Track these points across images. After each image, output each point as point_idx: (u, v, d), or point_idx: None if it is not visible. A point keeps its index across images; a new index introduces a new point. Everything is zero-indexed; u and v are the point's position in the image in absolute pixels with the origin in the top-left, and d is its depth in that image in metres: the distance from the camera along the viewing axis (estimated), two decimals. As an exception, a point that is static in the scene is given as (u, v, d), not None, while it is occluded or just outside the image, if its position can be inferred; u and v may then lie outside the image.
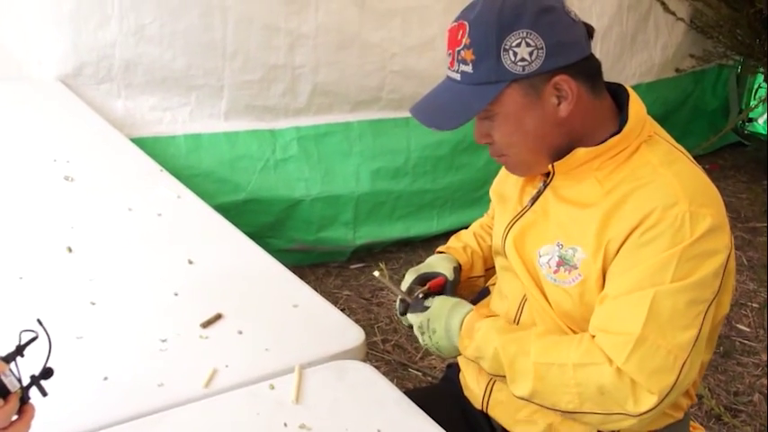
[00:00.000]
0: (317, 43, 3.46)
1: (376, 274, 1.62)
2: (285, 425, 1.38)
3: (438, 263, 1.68)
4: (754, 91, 5.50)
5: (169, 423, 1.39)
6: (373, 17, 3.57)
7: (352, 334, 1.66)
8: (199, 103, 3.35)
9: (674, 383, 1.29)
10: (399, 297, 1.63)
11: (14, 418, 1.01)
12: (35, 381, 1.00)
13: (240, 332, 1.63)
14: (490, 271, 1.75)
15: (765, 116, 5.54)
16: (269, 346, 1.60)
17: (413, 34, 3.69)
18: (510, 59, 1.32)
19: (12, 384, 0.95)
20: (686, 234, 1.29)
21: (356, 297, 3.50)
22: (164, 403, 1.43)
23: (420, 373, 2.98)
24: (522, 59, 1.32)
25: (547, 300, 1.46)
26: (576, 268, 1.39)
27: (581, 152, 1.39)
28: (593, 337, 1.34)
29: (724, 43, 4.95)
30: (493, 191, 1.69)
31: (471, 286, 1.76)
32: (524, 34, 1.31)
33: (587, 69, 1.39)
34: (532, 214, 1.50)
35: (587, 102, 1.38)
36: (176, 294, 1.76)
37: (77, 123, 2.80)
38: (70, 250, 1.89)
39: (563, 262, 1.41)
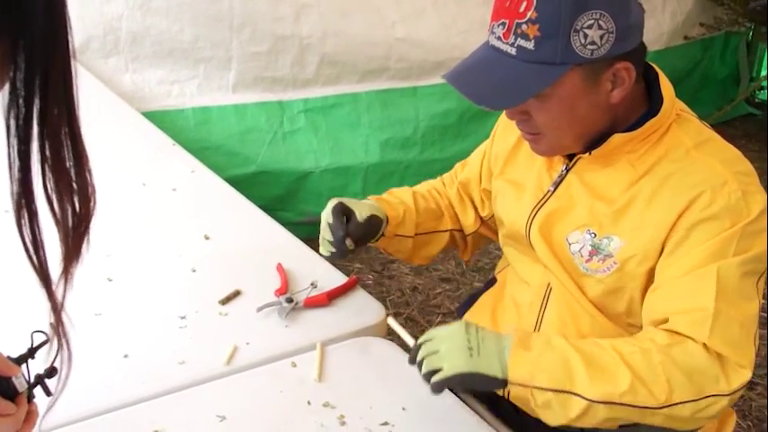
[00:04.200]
0: (321, 11, 3.43)
1: (389, 321, 1.52)
2: (309, 403, 1.37)
3: (362, 206, 1.57)
4: (766, 59, 5.44)
5: (192, 401, 1.38)
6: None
7: (373, 310, 1.64)
8: (207, 76, 3.33)
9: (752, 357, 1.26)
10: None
11: None
12: (40, 380, 0.99)
13: (259, 309, 1.61)
14: (420, 237, 1.68)
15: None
16: (288, 323, 1.58)
17: (404, 1, 3.66)
18: (579, 41, 1.24)
19: (21, 385, 0.94)
20: (743, 212, 1.28)
21: (367, 270, 3.49)
22: (186, 381, 1.42)
23: (433, 346, 2.96)
24: (592, 42, 1.24)
25: (578, 287, 1.42)
26: (612, 256, 1.35)
27: (617, 138, 1.35)
28: (666, 321, 1.28)
29: (735, 10, 4.89)
30: (498, 175, 1.59)
31: (397, 244, 1.66)
32: (597, 15, 1.23)
33: (641, 55, 1.34)
34: (556, 200, 1.44)
35: (632, 86, 1.33)
36: (194, 270, 1.75)
37: (87, 98, 2.75)
38: (85, 226, 1.87)
39: (596, 251, 1.37)
